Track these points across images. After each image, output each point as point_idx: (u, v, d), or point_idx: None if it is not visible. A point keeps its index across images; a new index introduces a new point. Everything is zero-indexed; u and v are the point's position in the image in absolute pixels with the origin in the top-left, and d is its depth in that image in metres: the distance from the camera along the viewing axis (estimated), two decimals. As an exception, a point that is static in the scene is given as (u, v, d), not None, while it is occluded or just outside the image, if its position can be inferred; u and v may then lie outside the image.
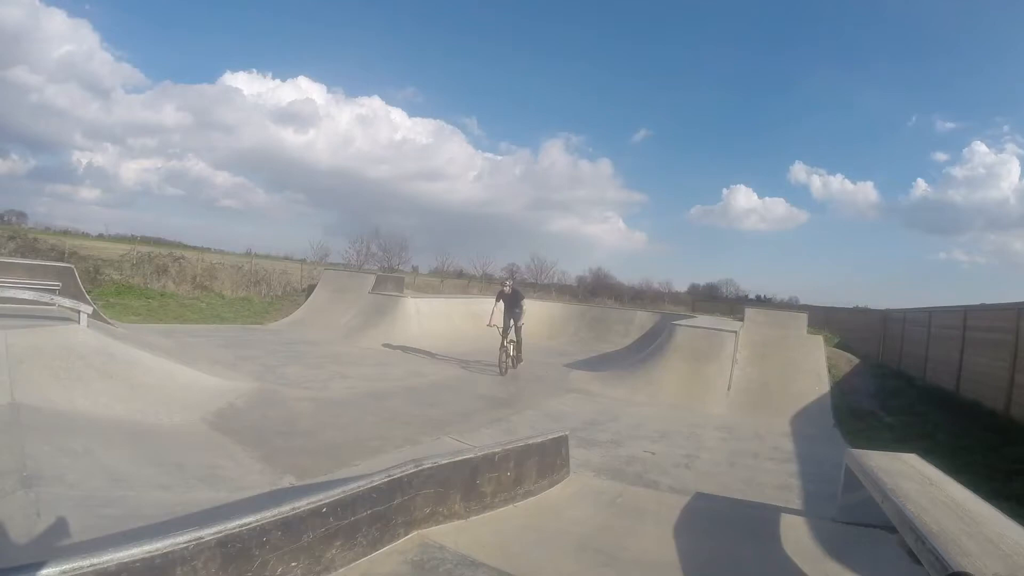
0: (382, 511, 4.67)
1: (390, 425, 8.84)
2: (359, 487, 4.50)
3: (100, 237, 48.06)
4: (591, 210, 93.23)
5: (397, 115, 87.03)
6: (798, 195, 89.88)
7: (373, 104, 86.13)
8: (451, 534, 5.07)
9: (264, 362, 12.82)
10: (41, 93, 73.57)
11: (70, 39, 76.43)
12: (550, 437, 6.62)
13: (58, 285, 13.10)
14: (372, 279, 22.14)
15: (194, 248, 39.40)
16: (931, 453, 6.92)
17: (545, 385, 13.06)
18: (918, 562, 4.04)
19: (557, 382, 13.47)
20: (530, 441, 6.29)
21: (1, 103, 72.47)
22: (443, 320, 19.29)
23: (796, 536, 5.71)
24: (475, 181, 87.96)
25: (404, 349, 16.16)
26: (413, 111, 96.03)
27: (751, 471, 7.92)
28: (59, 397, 7.57)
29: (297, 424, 8.54)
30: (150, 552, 3.22)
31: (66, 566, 2.94)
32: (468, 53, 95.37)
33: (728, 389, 12.14)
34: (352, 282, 22.44)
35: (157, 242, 40.94)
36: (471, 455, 5.57)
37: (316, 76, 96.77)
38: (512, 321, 14.48)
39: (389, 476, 4.77)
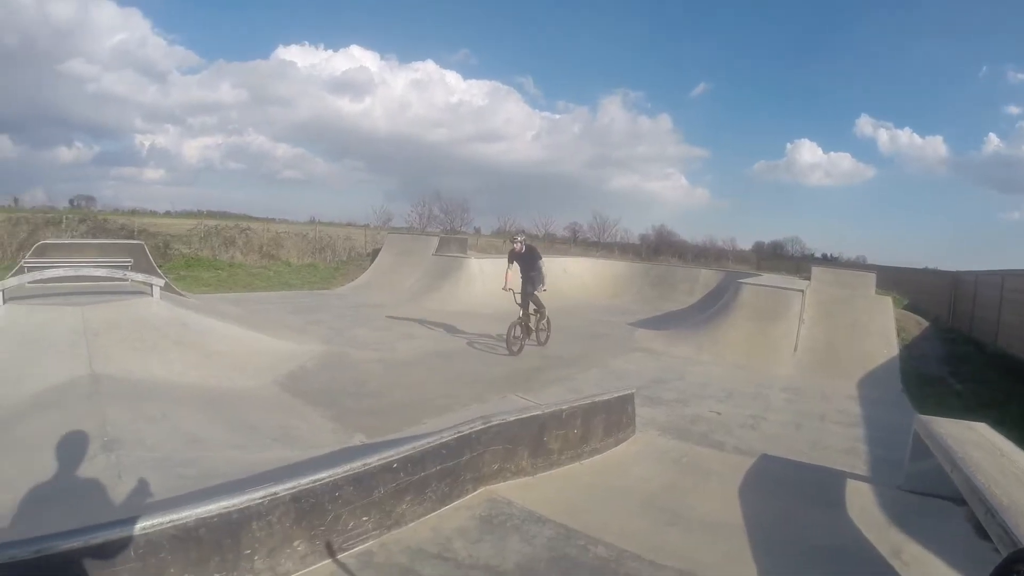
0: (451, 467, 4.75)
1: (457, 384, 8.94)
2: (429, 443, 4.59)
3: (167, 214, 49.41)
4: (652, 167, 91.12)
5: (452, 78, 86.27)
6: (864, 149, 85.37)
7: (427, 68, 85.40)
8: (518, 490, 5.13)
9: (332, 325, 13.08)
10: (99, 82, 75.79)
11: (122, 28, 78.30)
12: (616, 395, 6.59)
13: (130, 261, 13.52)
14: (435, 241, 22.23)
15: (259, 219, 40.26)
16: (1002, 423, 6.70)
17: (610, 343, 12.99)
18: (986, 537, 3.91)
19: (622, 340, 13.38)
20: (597, 399, 6.27)
21: (62, 95, 74.68)
22: (501, 280, 19.27)
23: (861, 503, 5.57)
24: (533, 141, 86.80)
25: (468, 309, 16.24)
26: (468, 73, 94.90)
27: (817, 434, 7.77)
28: (136, 366, 7.90)
29: (366, 385, 8.71)
30: (227, 507, 3.37)
31: (147, 522, 3.10)
32: (520, 12, 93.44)
33: (794, 349, 11.88)
34: (416, 245, 22.59)
35: (222, 216, 41.84)
36: (538, 412, 5.59)
37: (368, 44, 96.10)
38: (530, 287, 12.12)
39: (458, 433, 4.85)
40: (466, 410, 7.56)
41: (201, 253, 22.86)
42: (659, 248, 54.88)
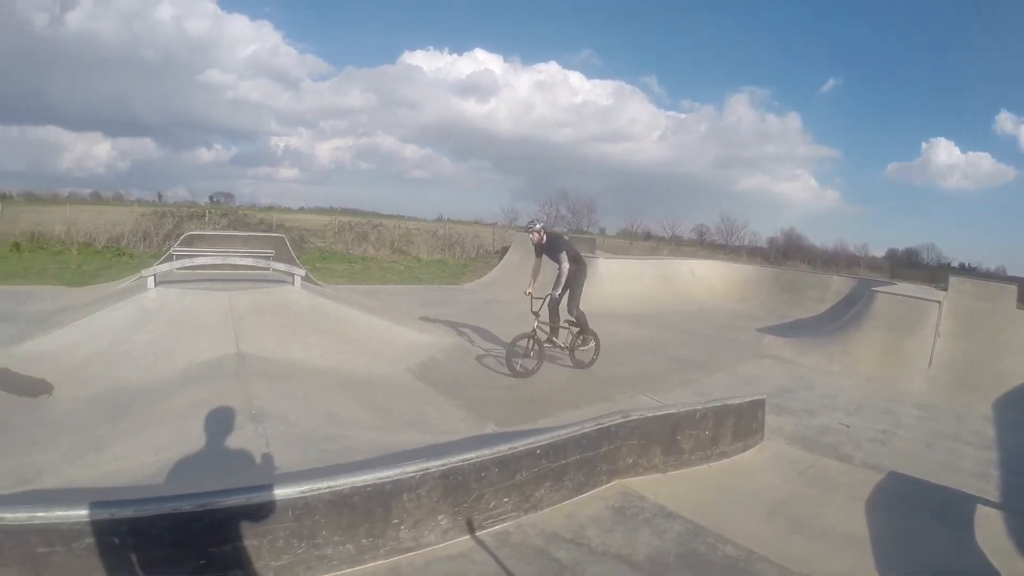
0: (589, 457, 4.80)
1: (584, 381, 8.89)
2: (570, 433, 4.64)
3: (301, 210, 52.11)
4: (780, 167, 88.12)
5: (575, 79, 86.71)
6: (1005, 149, 78.50)
7: (550, 70, 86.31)
8: (650, 486, 5.12)
9: (462, 319, 13.25)
10: (235, 90, 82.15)
11: (255, 39, 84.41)
12: (748, 400, 6.47)
13: (272, 252, 14.18)
14: (564, 239, 22.29)
15: (388, 216, 41.52)
16: None
17: (737, 348, 12.59)
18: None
19: (749, 346, 12.94)
20: (729, 402, 6.19)
21: (201, 102, 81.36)
22: (634, 281, 19.04)
23: (991, 529, 5.20)
24: (659, 141, 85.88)
25: (596, 309, 16.11)
26: (591, 73, 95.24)
27: (949, 455, 7.26)
28: (278, 348, 8.29)
29: (494, 378, 8.77)
30: (381, 478, 3.54)
31: (306, 486, 3.25)
32: (643, 11, 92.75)
33: (928, 364, 11.12)
34: (542, 243, 22.70)
35: (353, 212, 43.57)
36: (673, 411, 5.60)
37: (491, 47, 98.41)
38: (558, 290, 9.54)
39: (598, 425, 4.89)
40: (592, 407, 7.48)
41: (335, 247, 23.84)
42: (787, 252, 52.91)
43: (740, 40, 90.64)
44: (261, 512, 3.12)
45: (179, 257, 12.21)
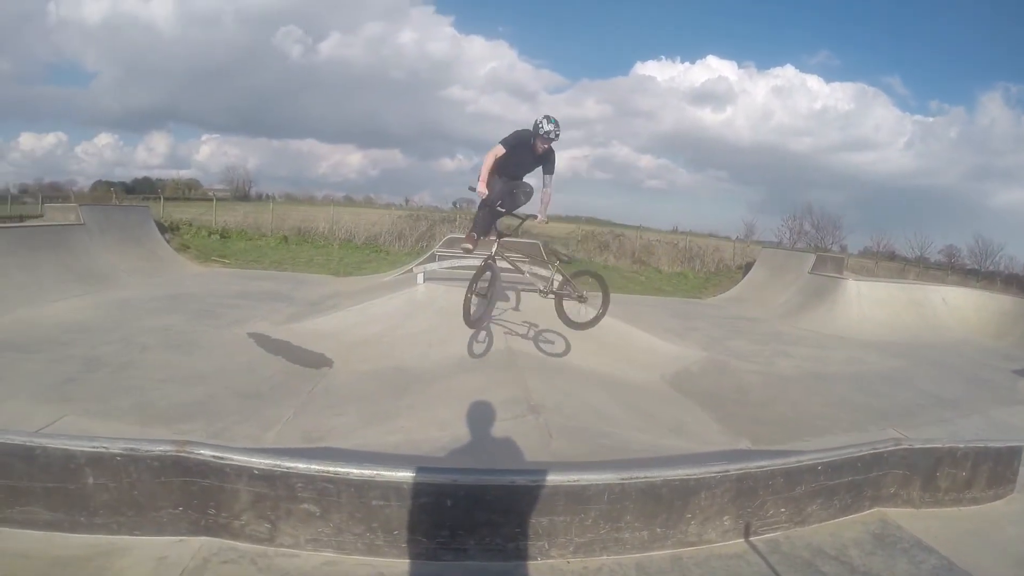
0: (858, 481, 4.75)
1: (835, 408, 8.58)
2: (848, 455, 4.65)
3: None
4: (1044, 179, 77.20)
5: (813, 82, 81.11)
6: None
7: (787, 74, 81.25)
8: (905, 518, 4.96)
9: (709, 334, 13.26)
10: (476, 104, 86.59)
11: (491, 57, 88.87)
12: (1007, 445, 6.02)
13: (527, 258, 14.91)
14: (811, 259, 21.39)
15: (624, 226, 41.86)
16: None
17: (991, 390, 11.47)
18: None
19: (1004, 389, 11.70)
20: (989, 445, 5.81)
21: (444, 116, 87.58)
22: (883, 306, 17.83)
23: None
24: (904, 149, 77.40)
25: (843, 334, 15.43)
26: (829, 76, 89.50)
27: None
28: (541, 346, 8.78)
29: (747, 394, 8.75)
30: (688, 475, 3.81)
31: (624, 474, 3.64)
32: (881, 4, 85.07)
33: None
34: (789, 261, 21.93)
35: (589, 220, 44.23)
36: (938, 445, 5.37)
37: (724, 53, 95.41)
38: (522, 197, 7.67)
39: (873, 449, 4.83)
40: (846, 436, 7.25)
41: (577, 255, 24.51)
42: (1052, 283, 46.24)
43: (992, 29, 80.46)
44: (584, 493, 3.50)
45: (441, 257, 13.29)
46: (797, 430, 7.38)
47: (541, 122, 7.38)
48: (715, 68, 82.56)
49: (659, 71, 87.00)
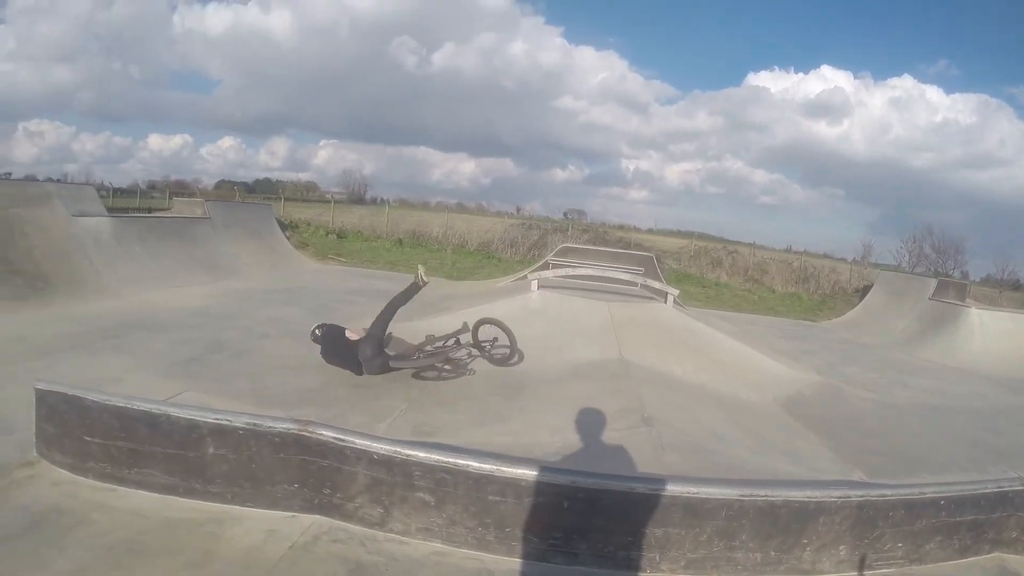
0: (980, 521, 4.45)
1: (953, 443, 8.03)
2: (971, 490, 4.37)
3: (650, 231, 53.02)
4: None
5: (933, 94, 76.56)
6: None
7: (904, 85, 76.53)
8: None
9: (823, 358, 12.75)
10: (587, 114, 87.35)
11: (602, 68, 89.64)
12: None
13: (641, 270, 14.77)
14: (932, 284, 20.27)
15: (735, 242, 40.90)
16: None
17: None
18: None
19: None
20: None
21: (556, 126, 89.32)
22: (1008, 339, 16.60)
23: None
24: None
25: (965, 367, 14.51)
26: (950, 87, 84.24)
27: None
28: (654, 360, 8.70)
29: (861, 423, 8.34)
30: (809, 496, 3.69)
31: (745, 490, 3.51)
32: (1001, 7, 78.76)
33: None
34: (909, 286, 20.83)
35: (701, 236, 43.37)
36: None
37: (838, 63, 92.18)
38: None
39: (998, 487, 4.52)
40: (964, 475, 6.80)
41: (689, 270, 24.14)
42: None
43: None
44: (702, 507, 3.39)
45: (555, 266, 13.28)
46: (912, 464, 6.95)
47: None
48: (830, 79, 79.90)
49: (772, 82, 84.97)
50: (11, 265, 9.41)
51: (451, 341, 8.43)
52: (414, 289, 7.97)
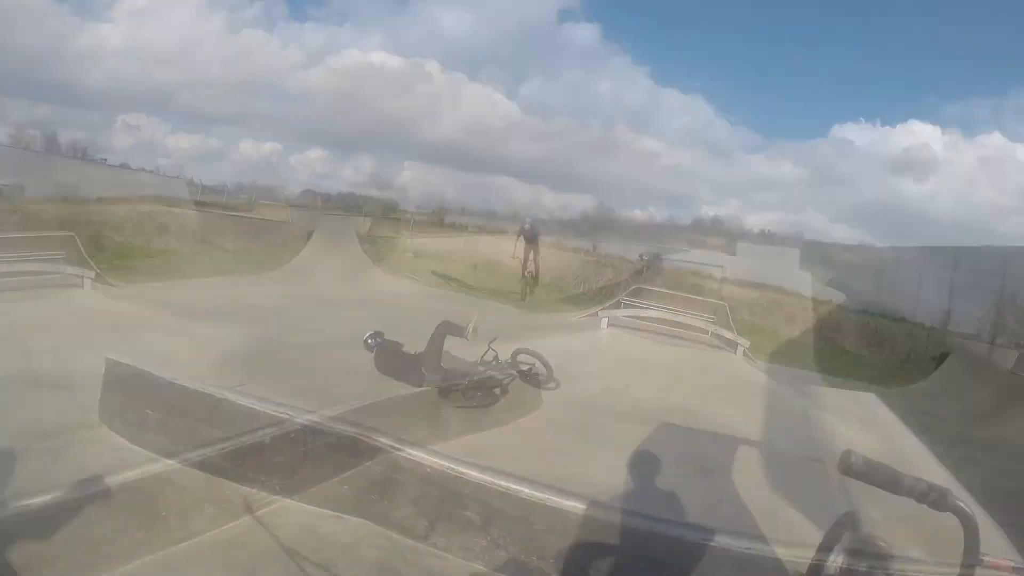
0: None
1: None
2: None
3: (724, 280, 52.54)
4: None
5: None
6: None
7: (994, 143, 72.87)
8: None
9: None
10: (669, 157, 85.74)
11: (686, 112, 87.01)
12: None
13: (713, 317, 14.52)
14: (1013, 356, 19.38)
15: (808, 298, 40.33)
16: None
17: None
18: None
19: None
20: None
21: (638, 167, 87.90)
22: None
23: None
24: None
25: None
26: None
27: None
28: (718, 409, 8.49)
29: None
30: None
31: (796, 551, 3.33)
32: None
33: None
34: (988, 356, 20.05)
35: (776, 289, 42.78)
36: None
37: (926, 117, 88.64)
38: None
39: None
40: None
41: (761, 323, 23.66)
42: None
43: None
44: (750, 563, 3.26)
45: (627, 305, 13.21)
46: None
47: None
48: (917, 133, 76.60)
49: (858, 134, 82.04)
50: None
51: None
52: (460, 333, 7.97)
